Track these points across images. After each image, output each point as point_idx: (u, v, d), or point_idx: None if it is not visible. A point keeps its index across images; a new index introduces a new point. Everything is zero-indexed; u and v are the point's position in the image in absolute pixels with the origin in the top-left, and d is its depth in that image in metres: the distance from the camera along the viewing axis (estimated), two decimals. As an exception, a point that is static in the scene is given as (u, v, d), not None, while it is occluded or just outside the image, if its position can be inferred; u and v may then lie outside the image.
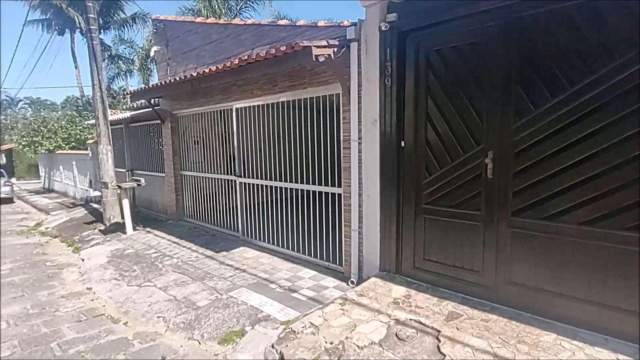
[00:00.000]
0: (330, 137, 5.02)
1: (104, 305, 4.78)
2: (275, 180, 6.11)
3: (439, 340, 2.98)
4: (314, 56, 3.91)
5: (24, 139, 18.91)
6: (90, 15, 8.29)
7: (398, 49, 3.98)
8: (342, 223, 4.81)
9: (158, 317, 4.23)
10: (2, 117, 34.54)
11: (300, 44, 3.90)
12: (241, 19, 13.95)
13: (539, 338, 2.91)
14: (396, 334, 3.13)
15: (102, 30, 18.36)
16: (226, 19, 11.04)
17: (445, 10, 3.59)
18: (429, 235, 3.95)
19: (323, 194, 5.22)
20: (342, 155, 4.68)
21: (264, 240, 6.24)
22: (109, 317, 4.44)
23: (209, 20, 6.91)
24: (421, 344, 2.99)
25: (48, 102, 38.30)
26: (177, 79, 5.90)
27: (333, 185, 5.04)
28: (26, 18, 23.10)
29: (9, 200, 15.57)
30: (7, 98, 35.57)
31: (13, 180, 20.11)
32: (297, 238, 5.69)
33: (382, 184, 4.25)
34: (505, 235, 3.40)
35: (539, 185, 3.18)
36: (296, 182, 5.70)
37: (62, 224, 10.00)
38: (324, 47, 4.05)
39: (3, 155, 28.48)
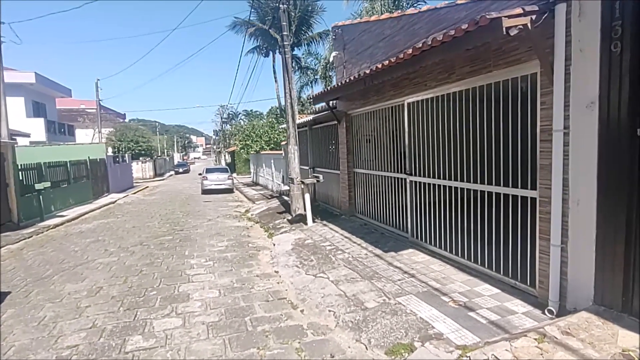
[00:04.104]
0: (522, 128, 4.08)
1: (286, 290, 5.34)
2: (449, 179, 5.49)
3: None
4: (504, 29, 3.22)
5: (241, 142, 23.91)
6: (284, 33, 9.55)
7: (636, 1, 2.84)
8: (536, 234, 3.86)
9: (329, 310, 4.39)
10: (228, 126, 44.93)
11: (487, 17, 3.27)
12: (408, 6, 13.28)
13: None
14: (627, 403, 2.21)
15: (294, 47, 21.30)
16: (393, 9, 10.75)
17: None
18: (689, 267, 2.68)
19: (510, 197, 4.33)
20: (538, 149, 3.75)
21: (435, 245, 5.73)
22: (289, 302, 4.90)
23: (382, 17, 6.84)
24: None
25: (257, 113, 47.63)
26: (351, 78, 6.05)
27: (523, 186, 4.11)
28: (242, 49, 29.47)
29: (230, 190, 19.92)
30: (232, 112, 45.98)
31: (234, 175, 25.76)
32: (475, 246, 4.95)
33: (602, 187, 3.17)
34: None
35: None
36: (474, 181, 4.94)
37: (262, 212, 12.00)
38: (518, 15, 3.28)
39: (229, 155, 36.87)
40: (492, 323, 3.55)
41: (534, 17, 3.33)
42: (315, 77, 24.84)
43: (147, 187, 25.35)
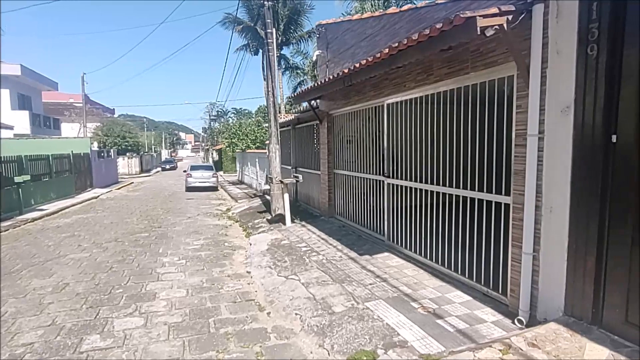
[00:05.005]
0: (498, 131, 3.98)
1: (255, 291, 5.17)
2: (426, 182, 5.37)
3: None
4: (478, 29, 3.10)
5: (227, 140, 23.63)
6: (268, 31, 9.37)
7: (613, 3, 2.77)
8: (509, 241, 3.76)
9: (296, 313, 4.24)
10: (217, 123, 44.56)
11: (462, 16, 3.15)
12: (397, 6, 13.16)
13: None
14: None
15: (283, 46, 21.09)
16: (382, 10, 10.64)
17: None
18: (657, 279, 2.59)
19: (484, 202, 4.23)
20: (512, 154, 3.64)
21: (410, 249, 5.60)
22: (257, 303, 4.74)
23: (364, 15, 6.72)
24: None
25: (246, 111, 47.44)
26: (330, 77, 5.90)
27: (498, 192, 4.00)
28: (229, 45, 29.28)
29: (214, 189, 19.63)
30: (221, 109, 45.65)
31: (220, 173, 25.38)
32: (449, 251, 4.84)
33: (575, 194, 3.08)
34: None
35: None
36: (450, 186, 4.83)
37: (243, 211, 11.79)
38: (494, 15, 3.17)
39: (216, 153, 36.48)
40: (460, 332, 3.43)
41: (510, 17, 3.22)
42: (305, 76, 24.70)
43: (132, 182, 25.05)
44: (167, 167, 42.99)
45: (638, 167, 2.70)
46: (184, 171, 21.69)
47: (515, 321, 3.50)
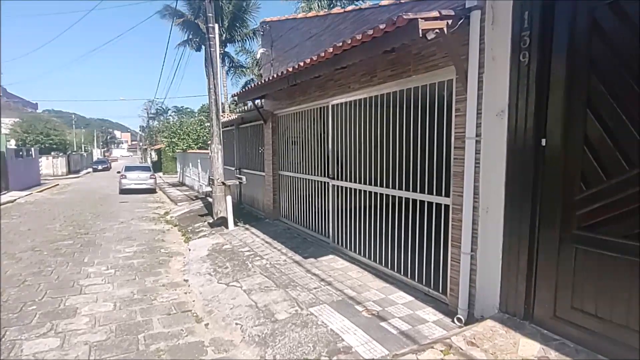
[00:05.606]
0: (438, 134, 4.07)
1: (193, 301, 4.81)
2: (370, 184, 5.36)
3: None
4: (420, 31, 3.10)
5: (166, 140, 22.28)
6: (210, 25, 8.92)
7: (542, 12, 2.91)
8: (448, 242, 3.84)
9: (236, 323, 3.98)
10: (156, 122, 42.02)
11: (404, 17, 3.14)
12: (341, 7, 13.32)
13: None
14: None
15: (227, 44, 20.36)
16: (326, 9, 10.65)
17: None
18: (582, 275, 2.75)
19: (426, 203, 4.30)
20: (452, 157, 3.73)
21: (355, 251, 5.58)
22: (194, 315, 4.39)
23: (309, 14, 6.63)
24: None
25: (188, 110, 45.29)
26: (274, 76, 5.71)
27: (439, 194, 4.09)
28: (168, 41, 27.85)
29: (152, 191, 18.38)
30: (160, 107, 43.13)
31: (160, 174, 23.85)
32: (392, 253, 4.88)
33: (509, 196, 3.20)
34: None
35: None
36: (393, 187, 4.86)
37: (183, 215, 11.11)
38: (435, 19, 3.20)
39: (155, 153, 34.35)
40: (403, 333, 3.42)
41: (450, 21, 3.27)
42: (252, 75, 24.12)
43: (57, 184, 22.69)
44: (99, 167, 39.72)
45: (563, 170, 2.86)
46: (118, 172, 20.06)
47: (455, 320, 3.57)
